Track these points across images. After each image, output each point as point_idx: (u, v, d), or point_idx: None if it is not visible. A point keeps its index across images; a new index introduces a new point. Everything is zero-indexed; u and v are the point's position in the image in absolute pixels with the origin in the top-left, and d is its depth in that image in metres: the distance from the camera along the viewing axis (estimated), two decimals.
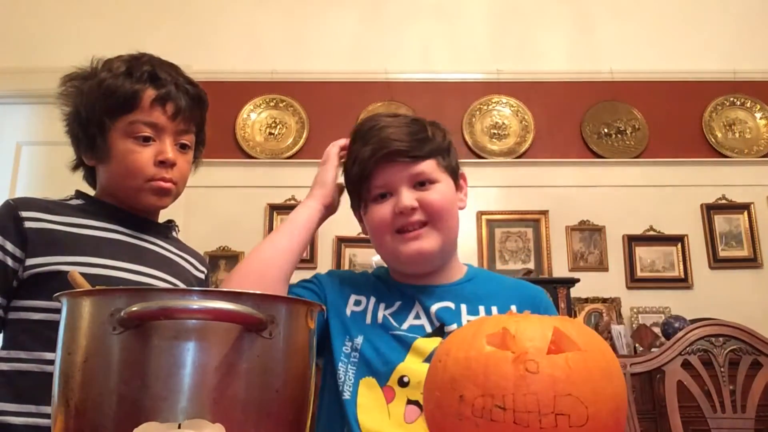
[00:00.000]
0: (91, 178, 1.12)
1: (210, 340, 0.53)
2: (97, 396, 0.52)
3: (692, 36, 3.08)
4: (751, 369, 1.33)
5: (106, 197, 1.08)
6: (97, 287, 0.58)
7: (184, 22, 3.08)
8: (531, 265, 2.81)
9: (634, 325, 2.68)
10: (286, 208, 2.89)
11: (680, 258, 2.83)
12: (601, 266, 2.82)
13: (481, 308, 1.00)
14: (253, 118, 3.01)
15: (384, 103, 2.96)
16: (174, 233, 1.20)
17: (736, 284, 2.78)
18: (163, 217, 1.18)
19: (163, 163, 1.04)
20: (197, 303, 0.52)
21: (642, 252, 2.85)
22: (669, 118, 3.00)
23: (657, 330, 2.57)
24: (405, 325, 0.98)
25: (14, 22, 3.02)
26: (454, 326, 0.96)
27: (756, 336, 1.33)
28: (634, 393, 1.99)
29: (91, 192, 1.11)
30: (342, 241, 2.84)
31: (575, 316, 2.67)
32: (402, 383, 0.91)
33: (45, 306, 0.95)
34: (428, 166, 0.99)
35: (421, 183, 0.98)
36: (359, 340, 0.96)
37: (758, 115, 3.01)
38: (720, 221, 2.87)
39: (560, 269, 2.82)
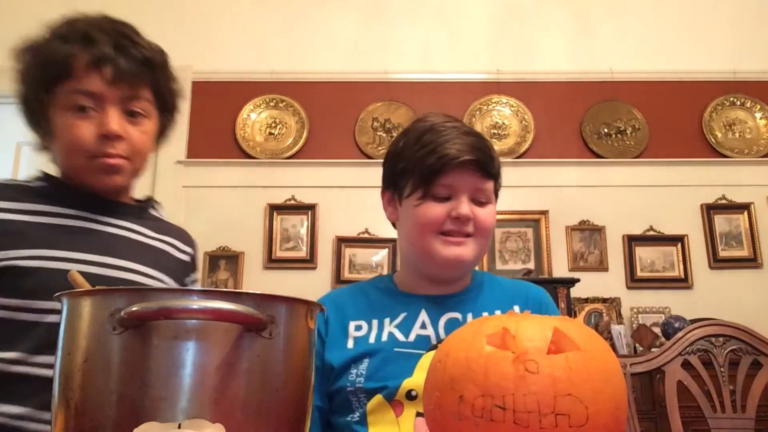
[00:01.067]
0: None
1: (210, 340, 0.53)
2: (97, 396, 0.52)
3: (692, 36, 3.08)
4: (751, 369, 1.33)
5: (67, 178, 0.96)
6: (98, 287, 0.58)
7: (184, 22, 3.08)
8: (531, 265, 2.81)
9: (634, 325, 2.68)
10: (286, 208, 2.89)
11: (680, 258, 2.82)
12: (601, 266, 2.82)
13: (485, 315, 1.01)
14: (253, 118, 3.01)
15: (384, 103, 2.96)
16: (153, 211, 1.07)
17: (736, 284, 2.78)
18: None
19: (107, 137, 0.90)
20: (197, 303, 0.52)
21: (642, 252, 2.85)
22: (669, 118, 3.00)
23: (657, 330, 2.57)
24: (411, 336, 0.99)
25: (14, 22, 3.01)
26: None
27: (756, 336, 1.33)
28: (634, 393, 1.98)
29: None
30: (342, 241, 2.84)
31: (575, 316, 2.67)
32: (410, 397, 0.92)
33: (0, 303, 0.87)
34: (490, 187, 1.03)
35: (479, 199, 1.02)
36: (364, 365, 0.96)
37: (758, 115, 3.01)
38: (720, 221, 2.86)
39: (560, 269, 2.82)
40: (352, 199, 2.84)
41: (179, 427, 0.49)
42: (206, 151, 2.94)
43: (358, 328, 1.02)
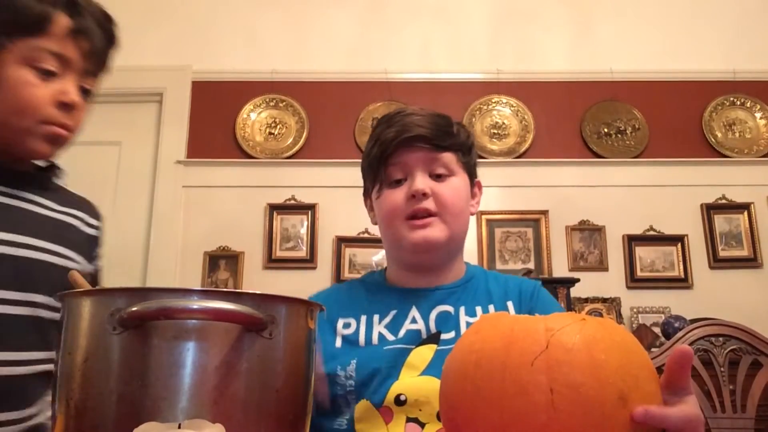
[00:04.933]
0: None
1: (210, 340, 0.53)
2: (97, 396, 0.52)
3: (692, 36, 3.08)
4: (751, 369, 1.33)
5: None
6: (98, 287, 0.58)
7: (184, 22, 3.08)
8: (531, 265, 2.81)
9: (634, 325, 2.68)
10: (286, 208, 2.89)
11: (680, 258, 2.82)
12: (601, 266, 2.82)
13: (479, 309, 0.99)
14: (253, 118, 3.01)
15: (384, 103, 2.96)
16: (57, 179, 0.98)
17: (736, 284, 2.78)
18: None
19: (66, 106, 0.87)
20: (197, 303, 0.52)
21: (642, 252, 2.85)
22: (669, 118, 3.00)
23: (657, 330, 2.57)
24: (401, 332, 0.96)
25: None
26: (452, 334, 0.95)
27: (756, 336, 1.33)
28: None
29: None
30: (342, 241, 2.84)
31: None
32: (399, 402, 0.89)
33: None
34: (447, 158, 0.99)
35: (438, 175, 0.98)
36: (352, 366, 0.93)
37: (758, 115, 3.01)
38: (720, 221, 2.86)
39: (560, 269, 2.82)
40: (352, 199, 2.83)
41: (179, 427, 0.49)
42: (206, 151, 2.94)
43: (347, 325, 0.99)
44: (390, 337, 0.96)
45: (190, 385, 0.51)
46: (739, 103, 3.02)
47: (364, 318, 0.99)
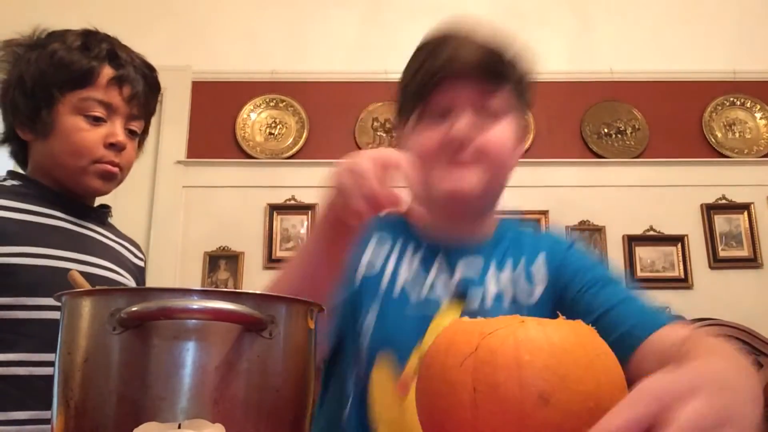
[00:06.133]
0: (21, 154, 1.04)
1: (210, 340, 0.53)
2: (97, 396, 0.52)
3: (692, 36, 3.08)
4: None
5: (41, 177, 1.00)
6: (98, 287, 0.58)
7: (184, 22, 3.08)
8: None
9: None
10: (286, 208, 2.89)
11: (680, 258, 2.82)
12: None
13: (508, 263, 0.90)
14: (253, 118, 3.01)
15: (384, 103, 2.95)
16: (110, 217, 1.13)
17: (736, 284, 2.78)
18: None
19: (114, 146, 0.99)
20: (197, 303, 0.52)
21: (642, 252, 2.85)
22: (669, 118, 3.00)
23: None
24: (425, 290, 0.86)
25: (13, 20, 3.01)
26: (480, 292, 0.85)
27: (756, 336, 1.33)
28: None
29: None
30: None
31: None
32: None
33: None
34: (500, 97, 0.85)
35: (486, 116, 0.84)
36: (370, 320, 0.84)
37: (758, 115, 3.01)
38: (720, 221, 2.86)
39: None
40: None
41: (179, 427, 0.49)
42: (206, 151, 2.94)
43: (371, 264, 0.90)
44: (413, 295, 0.86)
45: (190, 385, 0.51)
46: (739, 103, 3.02)
47: (393, 260, 0.89)
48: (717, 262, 2.82)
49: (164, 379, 0.51)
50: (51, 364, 0.85)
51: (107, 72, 0.99)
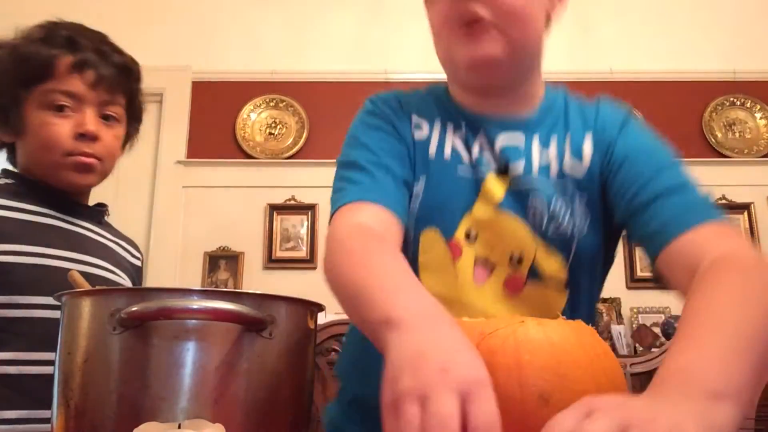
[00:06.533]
0: (13, 157, 1.02)
1: (210, 340, 0.53)
2: (97, 396, 0.52)
3: (692, 36, 3.08)
4: None
5: (31, 177, 0.98)
6: (98, 287, 0.58)
7: (184, 22, 3.08)
8: None
9: (634, 325, 2.68)
10: (286, 208, 2.89)
11: None
12: None
13: (553, 138, 0.83)
14: (253, 118, 3.01)
15: None
16: (107, 216, 1.11)
17: None
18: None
19: (84, 136, 0.94)
20: (197, 303, 0.52)
21: (642, 252, 2.84)
22: (669, 118, 2.99)
23: (657, 330, 2.57)
24: (474, 155, 0.81)
25: (13, 20, 3.01)
26: (521, 164, 0.80)
27: None
28: (634, 393, 1.98)
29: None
30: None
31: None
32: (469, 237, 0.77)
33: None
34: None
35: None
36: (421, 184, 0.80)
37: (758, 115, 3.01)
38: None
39: None
40: None
41: (179, 427, 0.49)
42: (206, 151, 2.94)
43: (418, 126, 0.85)
44: (465, 156, 0.81)
45: (190, 385, 0.51)
46: (739, 103, 3.02)
47: (438, 124, 0.84)
48: None
49: (164, 379, 0.51)
50: (42, 363, 0.86)
51: (66, 60, 0.94)
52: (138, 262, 1.13)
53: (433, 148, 0.83)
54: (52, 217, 0.97)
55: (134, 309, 0.51)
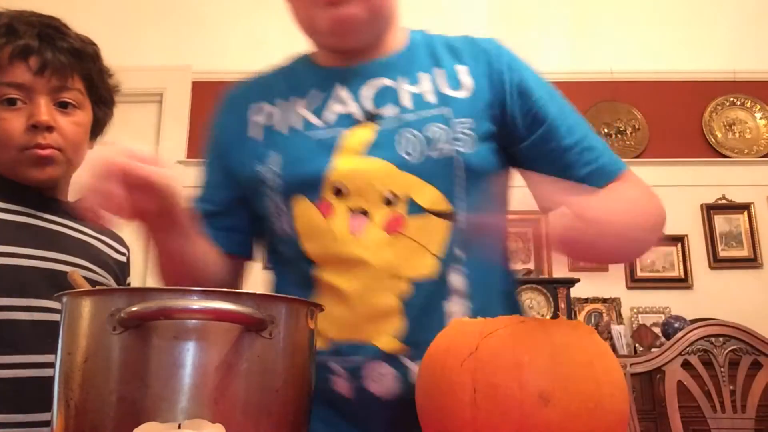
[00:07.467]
0: None
1: (210, 340, 0.53)
2: (97, 396, 0.52)
3: (692, 36, 3.08)
4: (751, 369, 1.33)
5: None
6: (97, 287, 0.58)
7: (184, 22, 3.08)
8: (531, 265, 2.81)
9: (634, 326, 2.68)
10: None
11: (680, 258, 2.82)
12: (601, 266, 2.82)
13: (422, 76, 0.85)
14: None
15: None
16: None
17: (736, 284, 2.78)
18: None
19: (36, 127, 0.88)
20: (197, 303, 0.52)
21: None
22: (669, 118, 3.00)
23: (657, 330, 2.57)
24: (329, 116, 0.83)
25: None
26: (395, 109, 0.81)
27: (756, 336, 1.33)
28: (634, 393, 1.98)
29: None
30: None
31: (575, 316, 2.67)
32: (338, 193, 0.79)
33: None
34: None
35: None
36: (276, 160, 0.82)
37: (758, 115, 3.01)
38: (720, 221, 2.86)
39: (560, 269, 2.81)
40: None
41: (179, 427, 0.49)
42: None
43: (259, 111, 0.88)
44: (316, 121, 0.83)
45: (190, 385, 0.51)
46: (739, 103, 3.02)
47: (280, 101, 0.87)
48: (717, 262, 2.82)
49: (164, 379, 0.51)
50: (14, 366, 0.80)
51: (6, 49, 0.88)
52: (122, 258, 1.07)
53: (279, 124, 0.85)
54: (24, 214, 0.92)
55: (134, 309, 0.51)
